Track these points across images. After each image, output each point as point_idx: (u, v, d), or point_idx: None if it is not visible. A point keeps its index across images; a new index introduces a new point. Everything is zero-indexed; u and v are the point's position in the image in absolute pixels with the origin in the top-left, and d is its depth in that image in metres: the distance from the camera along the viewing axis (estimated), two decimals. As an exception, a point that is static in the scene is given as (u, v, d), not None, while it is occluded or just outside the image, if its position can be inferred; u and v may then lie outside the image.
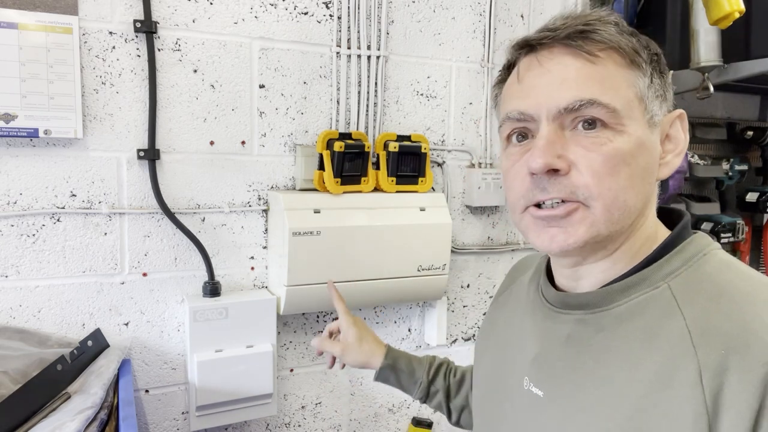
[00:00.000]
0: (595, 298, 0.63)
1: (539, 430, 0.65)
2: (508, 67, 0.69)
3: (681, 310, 0.56)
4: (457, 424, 1.03)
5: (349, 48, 1.38)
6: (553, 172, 0.59)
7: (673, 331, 0.56)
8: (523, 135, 0.64)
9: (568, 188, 0.59)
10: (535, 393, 0.66)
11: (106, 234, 1.20)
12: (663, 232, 0.65)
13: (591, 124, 0.59)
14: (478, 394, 0.81)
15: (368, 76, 1.40)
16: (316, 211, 1.27)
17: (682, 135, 0.64)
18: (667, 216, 0.68)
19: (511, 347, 0.75)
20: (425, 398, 1.02)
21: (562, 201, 0.60)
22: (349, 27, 1.37)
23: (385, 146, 1.38)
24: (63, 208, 1.16)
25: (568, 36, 0.60)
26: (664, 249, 0.62)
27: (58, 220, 1.16)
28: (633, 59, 0.60)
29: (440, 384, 1.01)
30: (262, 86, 1.31)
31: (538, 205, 0.61)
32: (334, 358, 1.08)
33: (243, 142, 1.30)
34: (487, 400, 0.78)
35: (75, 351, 1.07)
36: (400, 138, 1.42)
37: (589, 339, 0.62)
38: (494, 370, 0.77)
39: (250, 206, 1.32)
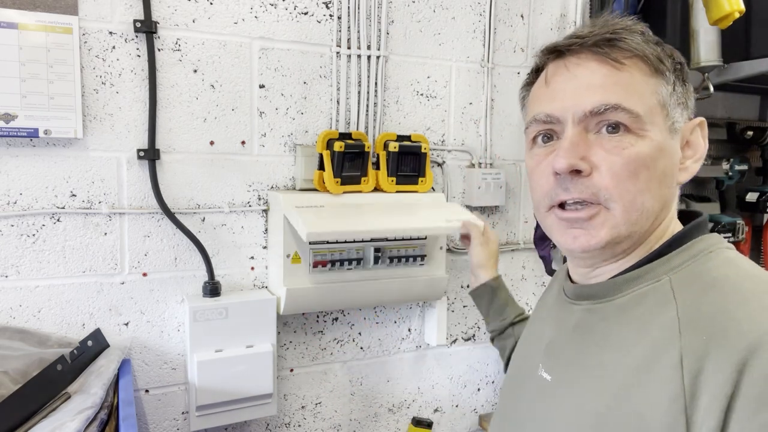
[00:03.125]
0: (602, 289, 0.66)
1: (544, 412, 0.68)
2: (536, 71, 0.71)
3: (675, 300, 0.59)
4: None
5: (349, 48, 1.38)
6: (576, 173, 0.62)
7: (665, 319, 0.58)
8: (549, 136, 0.67)
9: (589, 189, 0.61)
10: (545, 378, 0.70)
11: (106, 234, 1.20)
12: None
13: (614, 128, 0.61)
14: (504, 385, 0.85)
15: (368, 76, 1.40)
16: (316, 211, 1.27)
17: (701, 142, 0.67)
18: (687, 218, 0.69)
19: (532, 338, 0.80)
20: (499, 334, 1.11)
21: (584, 202, 0.62)
22: (349, 27, 1.37)
23: (385, 146, 1.38)
24: (63, 208, 1.16)
25: (596, 43, 0.63)
26: (672, 245, 0.64)
27: (58, 220, 1.16)
28: (657, 67, 0.63)
29: (519, 331, 1.06)
30: (262, 86, 1.31)
31: (563, 206, 0.64)
32: (468, 239, 1.19)
33: (243, 142, 1.30)
34: (507, 388, 0.82)
35: (75, 351, 1.07)
36: (400, 138, 1.42)
37: (593, 327, 0.66)
38: (517, 360, 0.82)
39: (250, 206, 1.32)
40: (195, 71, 1.24)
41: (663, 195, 0.63)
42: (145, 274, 1.24)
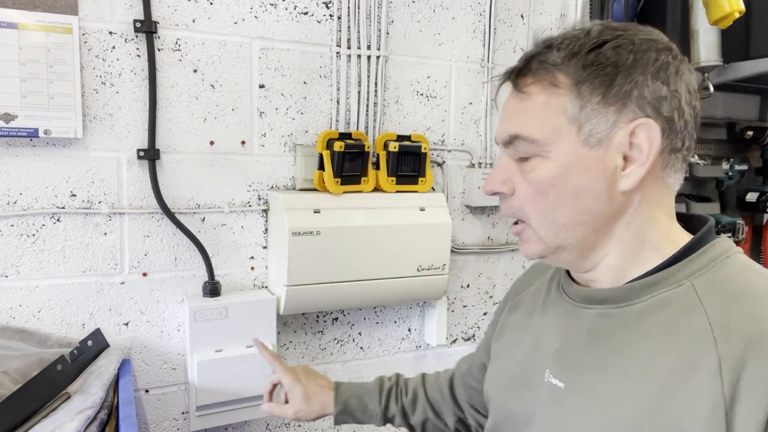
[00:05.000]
0: (618, 293, 0.66)
1: (561, 420, 0.67)
2: None
3: (703, 306, 0.59)
4: None
5: (349, 48, 1.38)
6: (501, 193, 0.69)
7: (695, 325, 0.58)
8: None
9: (511, 208, 0.69)
10: (556, 384, 0.69)
11: (106, 234, 1.20)
12: (683, 235, 0.68)
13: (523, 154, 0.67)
14: (495, 391, 0.83)
15: (368, 76, 1.40)
16: (316, 211, 1.26)
17: (645, 143, 0.61)
18: (687, 221, 0.70)
19: (529, 344, 0.77)
20: (384, 423, 1.04)
21: (516, 218, 0.70)
22: (349, 27, 1.37)
23: (385, 146, 1.38)
24: (63, 208, 1.16)
25: (513, 70, 0.68)
26: (688, 250, 0.64)
27: (58, 220, 1.16)
28: (565, 84, 0.63)
29: (394, 409, 1.03)
30: (262, 86, 1.31)
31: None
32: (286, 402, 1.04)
33: (243, 142, 1.30)
34: (506, 395, 0.79)
35: (75, 351, 1.07)
36: (400, 138, 1.42)
37: (611, 332, 0.65)
38: (513, 366, 0.80)
39: (250, 206, 1.32)
40: (195, 71, 1.24)
41: (585, 207, 0.63)
42: (145, 274, 1.24)
